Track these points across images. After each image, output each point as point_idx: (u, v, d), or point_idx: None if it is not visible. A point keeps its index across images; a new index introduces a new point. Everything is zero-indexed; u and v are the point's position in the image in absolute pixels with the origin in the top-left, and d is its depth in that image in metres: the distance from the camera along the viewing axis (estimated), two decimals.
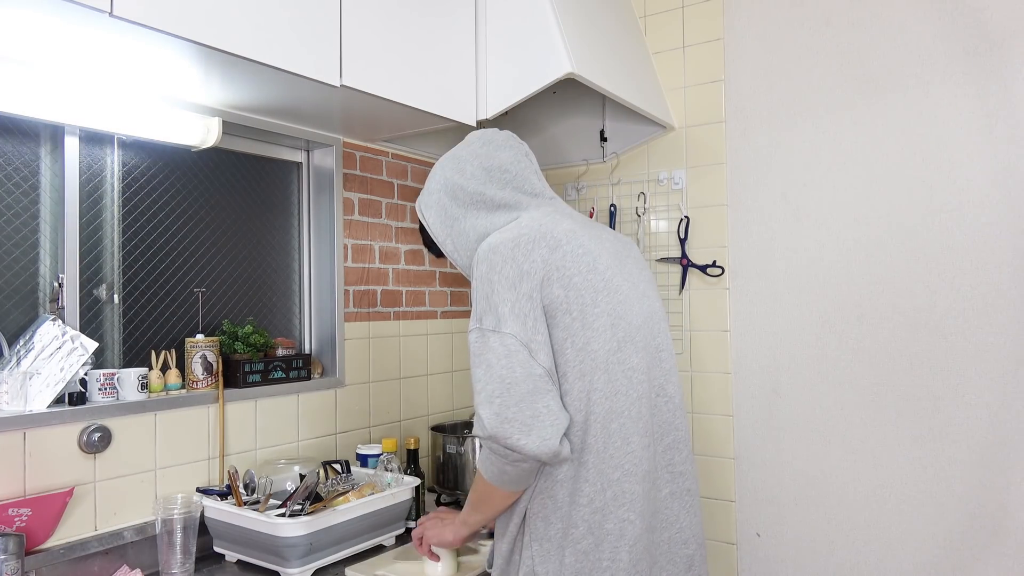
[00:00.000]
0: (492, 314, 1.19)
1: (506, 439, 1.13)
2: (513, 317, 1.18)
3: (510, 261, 1.22)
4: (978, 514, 1.85)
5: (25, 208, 1.56)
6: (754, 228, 2.19)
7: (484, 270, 1.22)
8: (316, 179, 2.13)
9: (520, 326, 1.17)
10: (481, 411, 1.15)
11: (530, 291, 1.20)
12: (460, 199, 1.38)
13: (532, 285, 1.20)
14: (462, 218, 1.37)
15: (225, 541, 1.62)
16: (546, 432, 1.14)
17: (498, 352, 1.16)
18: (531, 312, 1.19)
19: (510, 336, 1.17)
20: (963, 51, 1.88)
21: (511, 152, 1.42)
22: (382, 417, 2.22)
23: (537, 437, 1.13)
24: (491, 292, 1.20)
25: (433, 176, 1.44)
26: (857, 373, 2.02)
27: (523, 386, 1.15)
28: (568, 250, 1.25)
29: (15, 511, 1.37)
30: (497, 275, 1.21)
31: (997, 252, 1.84)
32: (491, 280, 1.21)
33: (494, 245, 1.24)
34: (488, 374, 1.16)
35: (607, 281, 1.27)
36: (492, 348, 1.17)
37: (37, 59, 1.38)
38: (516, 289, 1.20)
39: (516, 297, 1.19)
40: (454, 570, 1.55)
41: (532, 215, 1.32)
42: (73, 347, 1.51)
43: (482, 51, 1.93)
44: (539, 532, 1.24)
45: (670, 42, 2.32)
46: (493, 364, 1.16)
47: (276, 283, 2.08)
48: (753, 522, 2.17)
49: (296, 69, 1.46)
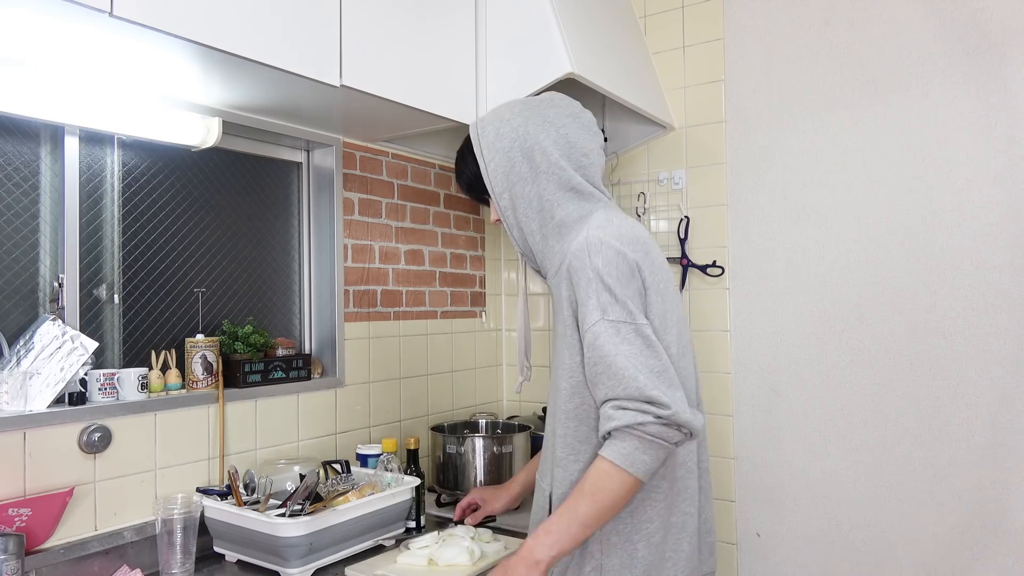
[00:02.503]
0: (620, 307, 1.21)
1: (680, 418, 1.16)
2: (638, 311, 1.22)
3: (621, 259, 1.24)
4: (978, 514, 1.85)
5: (25, 208, 1.56)
6: (754, 228, 2.19)
7: (599, 263, 1.23)
8: (316, 179, 2.13)
9: (645, 319, 1.23)
10: (651, 392, 1.16)
11: (640, 288, 1.25)
12: (536, 162, 1.32)
13: (640, 283, 1.26)
14: (531, 181, 1.32)
15: (225, 541, 1.62)
16: (692, 412, 1.21)
17: (637, 344, 1.19)
18: (643, 308, 1.25)
19: (646, 327, 1.21)
20: (963, 51, 1.88)
21: (595, 141, 1.38)
22: (382, 417, 2.22)
23: (694, 416, 1.20)
24: (613, 285, 1.21)
25: (507, 120, 1.36)
26: (857, 373, 2.02)
27: (669, 372, 1.20)
28: (653, 257, 1.31)
29: (15, 511, 1.37)
30: (612, 271, 1.22)
31: (997, 252, 1.84)
32: (610, 274, 1.22)
33: (606, 241, 1.24)
34: (635, 363, 1.17)
35: (673, 293, 1.34)
36: (629, 340, 1.19)
37: (37, 59, 1.38)
38: (630, 285, 1.23)
39: (634, 292, 1.23)
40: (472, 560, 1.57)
41: (610, 214, 1.32)
42: (73, 347, 1.51)
43: (482, 51, 1.93)
44: (608, 525, 1.27)
45: (670, 42, 2.33)
46: (638, 354, 1.18)
47: (276, 283, 2.08)
48: (753, 522, 2.17)
49: (296, 69, 1.46)
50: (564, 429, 1.31)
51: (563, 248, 1.32)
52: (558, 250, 1.33)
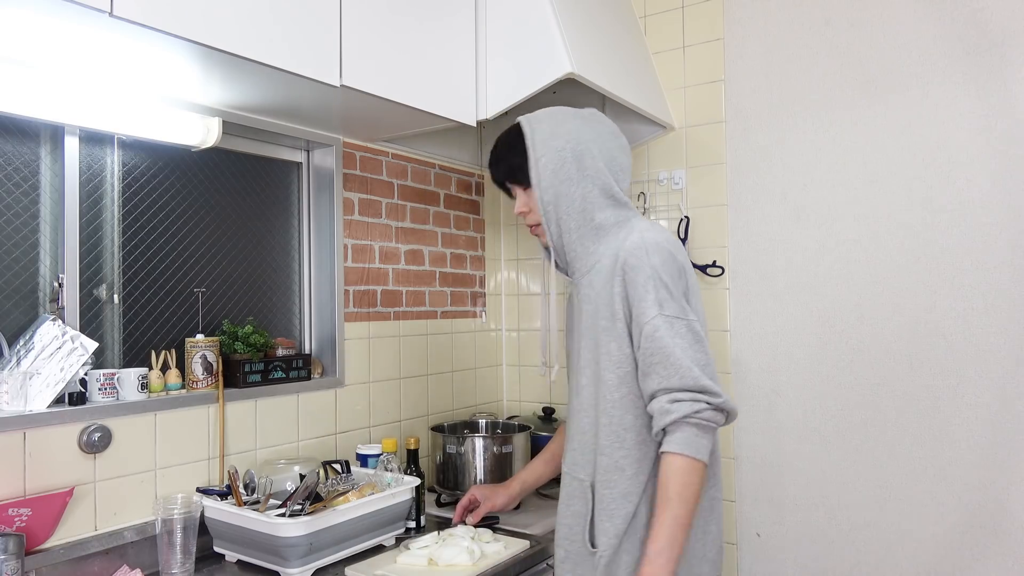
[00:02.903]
0: (675, 303, 1.31)
1: (728, 404, 1.29)
2: (688, 308, 1.32)
3: (673, 260, 1.34)
4: (978, 514, 1.86)
5: (25, 208, 1.56)
6: (754, 228, 2.19)
7: (657, 262, 1.32)
8: (316, 179, 2.13)
9: (694, 316, 1.33)
10: (704, 382, 1.27)
11: (685, 288, 1.36)
12: (585, 166, 1.41)
13: (685, 283, 1.36)
14: (577, 183, 1.41)
15: (225, 541, 1.62)
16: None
17: (688, 339, 1.29)
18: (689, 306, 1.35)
19: (695, 323, 1.32)
20: (963, 51, 1.88)
21: (629, 160, 1.50)
22: (382, 417, 2.22)
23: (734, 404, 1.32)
24: (669, 283, 1.32)
25: (563, 122, 1.45)
26: (857, 373, 2.02)
27: (712, 365, 1.32)
28: (689, 262, 1.42)
29: (15, 511, 1.37)
30: (668, 270, 1.32)
31: (997, 252, 1.84)
32: (667, 272, 1.32)
33: (659, 243, 1.35)
34: (688, 355, 1.28)
35: (699, 294, 1.44)
36: (682, 334, 1.29)
37: (37, 59, 1.38)
38: (679, 284, 1.34)
39: (683, 291, 1.34)
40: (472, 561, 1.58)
41: (649, 222, 1.43)
42: (73, 347, 1.51)
43: (482, 51, 1.93)
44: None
45: (670, 42, 2.33)
46: (690, 347, 1.29)
47: (276, 283, 2.08)
48: (753, 522, 2.17)
49: (296, 69, 1.46)
50: (608, 418, 1.37)
51: (600, 250, 1.42)
52: (593, 251, 1.43)
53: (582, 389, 1.45)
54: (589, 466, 1.42)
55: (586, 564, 1.41)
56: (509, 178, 1.51)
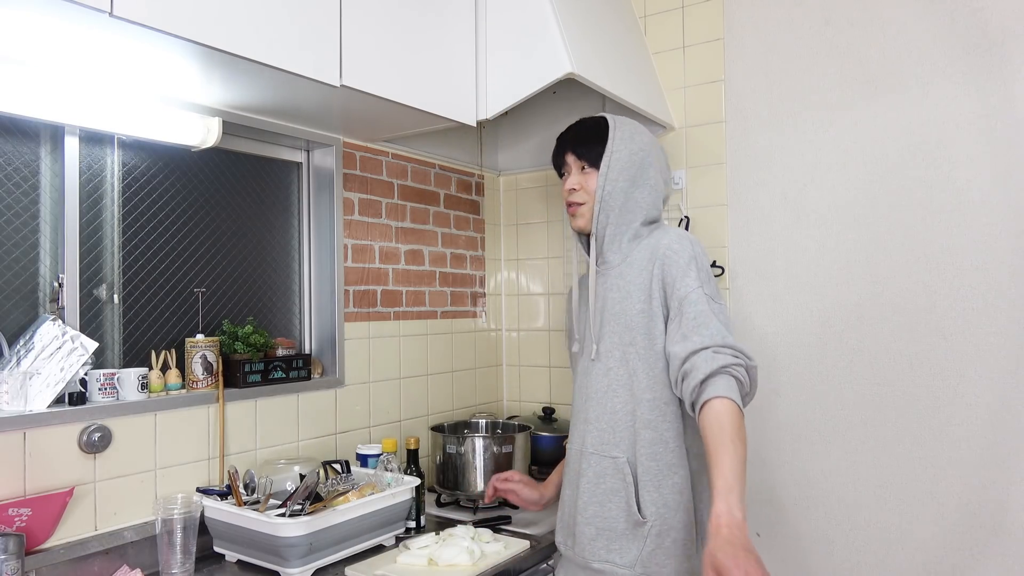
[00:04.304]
0: (710, 285, 1.47)
1: (754, 370, 1.42)
2: (719, 293, 1.49)
3: (706, 256, 1.52)
4: (978, 514, 1.85)
5: (25, 208, 1.56)
6: (754, 228, 2.19)
7: (698, 251, 1.49)
8: (316, 179, 2.13)
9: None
10: (740, 345, 1.41)
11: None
12: (648, 176, 1.58)
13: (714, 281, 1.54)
14: (638, 186, 1.57)
15: (225, 541, 1.62)
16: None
17: (723, 317, 1.44)
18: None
19: (726, 309, 1.48)
20: (963, 51, 1.88)
21: (669, 187, 1.70)
22: (382, 417, 2.22)
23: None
24: (706, 270, 1.48)
25: (642, 131, 1.62)
26: (857, 373, 2.02)
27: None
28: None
29: (15, 511, 1.37)
30: (704, 262, 1.49)
31: (997, 252, 1.84)
32: (704, 263, 1.49)
33: (696, 241, 1.52)
34: (721, 327, 1.42)
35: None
36: (717, 312, 1.44)
37: (37, 59, 1.38)
38: (712, 277, 1.50)
39: (714, 284, 1.50)
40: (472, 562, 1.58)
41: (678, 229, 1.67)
42: (73, 347, 1.51)
43: (482, 51, 1.93)
44: (703, 476, 1.49)
45: (670, 42, 2.33)
46: (725, 323, 1.43)
47: (276, 283, 2.08)
48: (753, 522, 2.17)
49: (296, 69, 1.46)
50: (651, 393, 1.49)
51: (634, 248, 1.56)
52: (627, 249, 1.57)
53: (609, 371, 1.53)
54: (624, 443, 1.50)
55: (625, 537, 1.47)
56: (581, 152, 1.60)
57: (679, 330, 1.43)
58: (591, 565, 1.51)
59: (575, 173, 1.61)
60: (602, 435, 1.53)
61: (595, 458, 1.53)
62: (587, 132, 1.61)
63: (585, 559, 1.52)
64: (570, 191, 1.61)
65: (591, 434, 1.55)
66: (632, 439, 1.50)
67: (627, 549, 1.47)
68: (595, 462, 1.53)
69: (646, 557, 1.45)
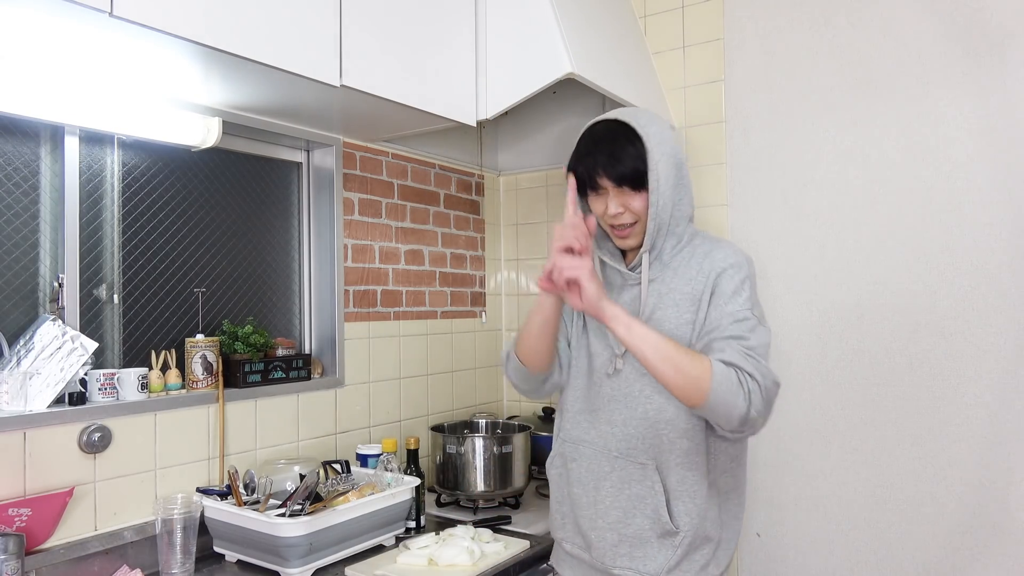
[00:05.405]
0: (759, 308, 1.44)
1: (774, 399, 1.37)
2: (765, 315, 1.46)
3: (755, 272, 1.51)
4: (978, 514, 1.85)
5: (25, 208, 1.56)
6: (754, 228, 2.19)
7: (752, 273, 1.47)
8: (316, 179, 2.13)
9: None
10: (767, 364, 1.37)
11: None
12: (684, 175, 1.48)
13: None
14: (683, 187, 1.47)
15: (225, 541, 1.62)
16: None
17: (765, 340, 1.40)
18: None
19: (770, 329, 1.44)
20: (963, 51, 1.88)
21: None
22: (382, 417, 2.22)
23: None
24: (756, 294, 1.45)
25: (664, 127, 1.47)
26: (857, 373, 2.02)
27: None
28: None
29: (15, 511, 1.37)
30: (754, 284, 1.46)
31: (997, 252, 1.84)
32: (754, 285, 1.46)
33: (751, 258, 1.50)
34: (765, 350, 1.38)
35: None
36: (761, 334, 1.39)
37: (37, 59, 1.38)
38: (757, 293, 1.48)
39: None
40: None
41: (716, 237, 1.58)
42: (73, 347, 1.51)
43: (482, 51, 1.93)
44: (730, 505, 1.49)
45: (670, 42, 2.33)
46: (767, 347, 1.39)
47: (276, 283, 2.08)
48: (753, 522, 2.17)
49: (296, 69, 1.46)
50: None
51: (673, 254, 1.49)
52: (666, 255, 1.49)
53: (644, 375, 1.43)
54: (654, 450, 1.43)
55: (652, 545, 1.41)
56: (620, 177, 1.42)
57: (722, 332, 1.37)
58: (612, 572, 1.45)
59: (614, 196, 1.43)
60: (630, 440, 1.45)
61: (620, 462, 1.45)
62: (621, 151, 1.42)
63: (604, 564, 1.46)
64: (615, 215, 1.44)
65: (617, 437, 1.46)
66: (665, 446, 1.43)
67: (653, 557, 1.42)
68: (620, 466, 1.45)
69: (673, 567, 1.41)
